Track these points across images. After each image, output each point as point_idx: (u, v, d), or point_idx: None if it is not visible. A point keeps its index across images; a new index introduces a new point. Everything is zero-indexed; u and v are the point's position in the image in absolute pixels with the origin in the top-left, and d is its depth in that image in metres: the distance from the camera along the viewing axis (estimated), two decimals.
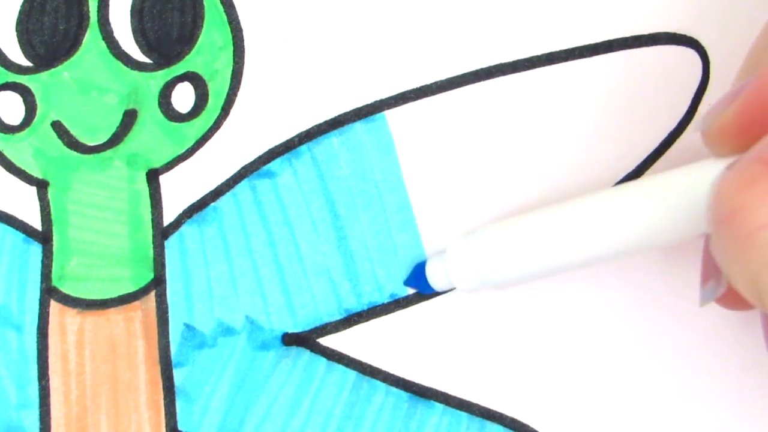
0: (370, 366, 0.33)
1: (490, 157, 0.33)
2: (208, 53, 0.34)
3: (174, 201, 0.34)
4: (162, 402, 0.33)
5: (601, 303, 0.33)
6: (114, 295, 0.33)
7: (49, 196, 0.34)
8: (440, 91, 0.33)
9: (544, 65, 0.33)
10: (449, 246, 0.31)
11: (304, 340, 0.33)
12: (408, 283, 0.33)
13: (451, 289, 0.32)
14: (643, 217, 0.27)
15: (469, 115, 0.33)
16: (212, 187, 0.34)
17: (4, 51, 0.34)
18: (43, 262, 0.33)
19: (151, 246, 0.33)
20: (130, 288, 0.33)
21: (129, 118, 0.34)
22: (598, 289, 0.33)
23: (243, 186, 0.33)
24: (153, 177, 0.34)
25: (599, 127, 0.33)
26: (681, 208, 0.26)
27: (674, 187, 0.27)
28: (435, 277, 0.32)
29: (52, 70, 0.34)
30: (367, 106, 0.33)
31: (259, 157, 0.33)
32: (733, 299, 0.29)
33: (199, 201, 0.34)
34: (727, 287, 0.27)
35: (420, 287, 0.33)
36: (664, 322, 0.33)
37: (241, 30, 0.34)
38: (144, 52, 0.34)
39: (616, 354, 0.33)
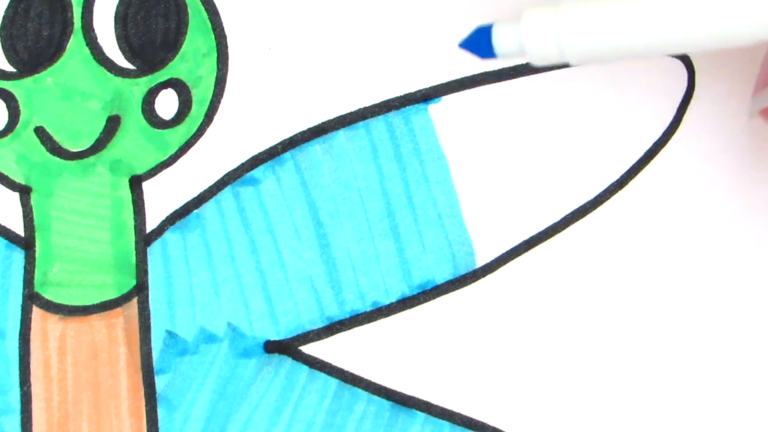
0: (352, 374, 0.33)
1: (482, 164, 0.33)
2: (191, 60, 0.34)
3: (157, 208, 0.34)
4: (144, 409, 0.33)
5: (584, 313, 0.33)
6: (96, 301, 0.33)
7: (32, 202, 0.34)
8: (423, 99, 0.33)
9: (529, 74, 0.33)
10: (526, 11, 0.27)
11: (286, 347, 0.33)
12: (464, 44, 0.29)
13: (513, 57, 0.28)
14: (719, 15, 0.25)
15: (458, 125, 0.33)
16: (195, 193, 0.33)
17: None
18: (25, 268, 0.33)
19: (134, 253, 0.33)
20: (112, 294, 0.33)
21: (112, 124, 0.34)
22: (583, 298, 0.33)
23: (226, 193, 0.33)
24: (136, 183, 0.34)
25: (584, 136, 0.33)
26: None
27: None
28: (503, 39, 0.28)
29: (36, 75, 0.34)
30: (350, 113, 0.33)
31: (243, 164, 0.33)
32: None
33: (182, 208, 0.33)
34: None
35: (478, 50, 0.28)
36: (651, 333, 0.33)
37: (225, 37, 0.34)
38: (128, 59, 0.34)
39: (598, 364, 0.33)
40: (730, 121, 0.33)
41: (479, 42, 0.28)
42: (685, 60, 0.33)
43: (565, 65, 0.28)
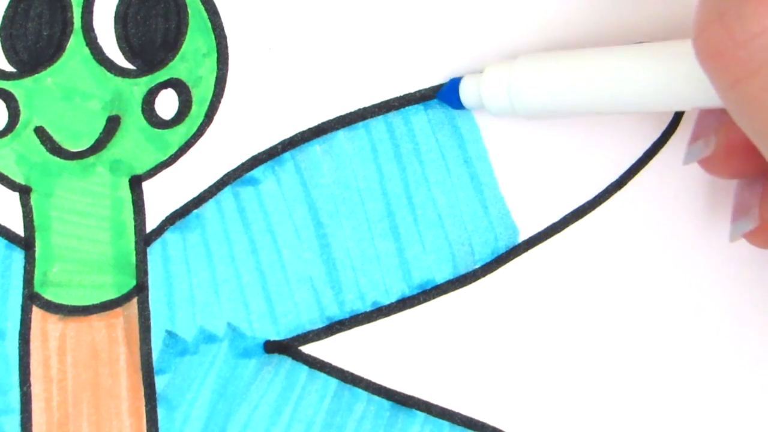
0: (352, 374, 0.33)
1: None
2: (191, 60, 0.34)
3: (157, 208, 0.34)
4: (143, 409, 0.33)
5: (584, 313, 0.33)
6: (96, 301, 0.33)
7: (32, 202, 0.34)
8: (423, 100, 0.33)
9: None
10: (487, 66, 0.31)
11: (286, 347, 0.33)
12: (441, 96, 0.33)
13: (480, 108, 0.32)
14: (654, 78, 0.27)
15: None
16: (195, 194, 0.33)
17: None
18: (25, 268, 0.33)
19: (134, 253, 0.33)
20: (112, 294, 0.33)
21: (112, 124, 0.34)
22: (582, 298, 0.33)
23: (226, 193, 0.33)
24: (136, 183, 0.34)
25: (583, 136, 0.33)
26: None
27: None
28: (467, 93, 0.32)
29: (36, 75, 0.34)
30: (350, 114, 0.33)
31: (242, 164, 0.33)
32: (763, 235, 0.29)
33: (181, 208, 0.34)
34: (759, 222, 0.27)
35: (451, 102, 0.33)
36: (650, 332, 0.33)
37: (225, 37, 0.34)
38: (128, 59, 0.34)
39: (598, 364, 0.33)
40: None
41: (451, 94, 0.32)
42: None
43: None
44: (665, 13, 0.33)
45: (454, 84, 0.32)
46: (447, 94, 0.33)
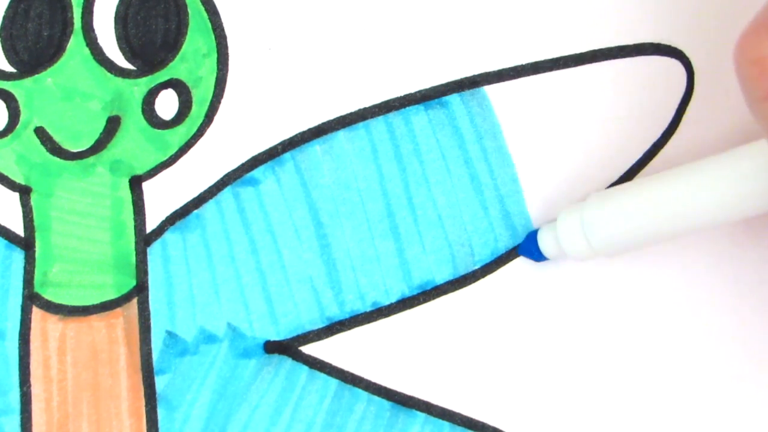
0: (352, 374, 0.33)
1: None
2: (192, 60, 0.34)
3: (157, 208, 0.34)
4: (143, 409, 0.33)
5: (583, 313, 0.33)
6: (96, 301, 0.33)
7: (32, 202, 0.34)
8: (423, 100, 0.33)
9: (529, 74, 0.33)
10: (560, 214, 0.31)
11: (286, 347, 0.33)
12: (522, 251, 0.33)
13: (562, 257, 0.32)
14: (731, 190, 0.28)
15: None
16: (195, 194, 0.33)
17: None
18: (25, 268, 0.33)
19: (134, 253, 0.33)
20: (112, 295, 0.33)
21: (112, 124, 0.34)
22: (582, 298, 0.33)
23: (226, 193, 0.33)
24: (136, 184, 0.34)
25: (583, 136, 0.33)
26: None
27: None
28: (547, 245, 0.32)
29: (36, 76, 0.34)
30: (350, 114, 0.33)
31: (243, 165, 0.33)
32: None
33: (181, 208, 0.34)
34: None
35: (533, 256, 0.33)
36: (650, 334, 0.33)
37: (225, 37, 0.34)
38: (128, 59, 0.34)
39: (598, 364, 0.33)
40: (729, 121, 0.33)
41: (531, 247, 0.32)
42: (684, 61, 0.33)
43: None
44: None
45: (532, 237, 0.32)
46: (527, 248, 0.33)
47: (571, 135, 0.33)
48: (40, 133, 0.34)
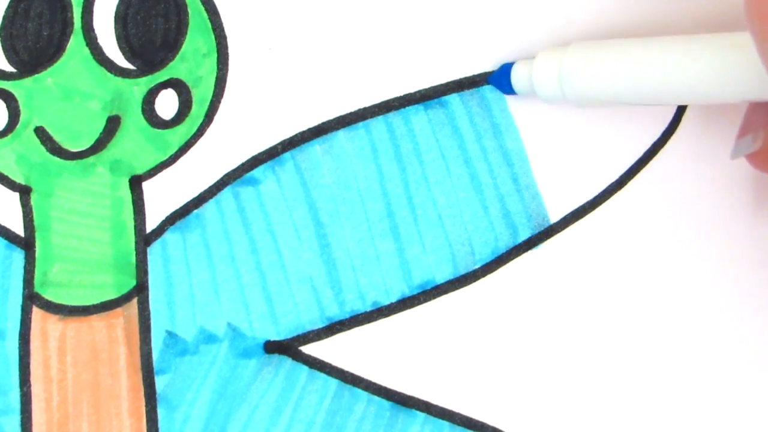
0: (352, 374, 0.33)
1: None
2: (192, 60, 0.34)
3: (157, 208, 0.34)
4: (144, 409, 0.33)
5: (583, 313, 0.33)
6: (96, 301, 0.33)
7: (32, 202, 0.34)
8: (423, 100, 0.33)
9: None
10: (539, 54, 0.31)
11: (286, 347, 0.33)
12: (491, 79, 0.33)
13: (531, 95, 0.32)
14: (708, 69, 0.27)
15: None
16: (195, 194, 0.33)
17: None
18: (25, 268, 0.33)
19: (134, 253, 0.33)
20: (112, 295, 0.33)
21: (112, 124, 0.34)
22: (582, 298, 0.33)
23: (226, 193, 0.33)
24: (136, 183, 0.34)
25: (583, 136, 0.33)
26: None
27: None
28: (519, 80, 0.32)
29: (36, 75, 0.34)
30: (350, 114, 0.33)
31: (242, 165, 0.33)
32: (765, 158, 0.29)
33: (181, 208, 0.34)
34: (763, 145, 0.27)
35: (502, 86, 0.33)
36: (650, 333, 0.33)
37: (225, 37, 0.34)
38: (128, 59, 0.34)
39: (598, 364, 0.33)
40: (728, 121, 0.33)
41: (502, 78, 0.32)
42: None
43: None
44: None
45: (505, 69, 0.32)
46: (498, 78, 0.33)
47: (570, 135, 0.33)
48: (40, 132, 0.34)
